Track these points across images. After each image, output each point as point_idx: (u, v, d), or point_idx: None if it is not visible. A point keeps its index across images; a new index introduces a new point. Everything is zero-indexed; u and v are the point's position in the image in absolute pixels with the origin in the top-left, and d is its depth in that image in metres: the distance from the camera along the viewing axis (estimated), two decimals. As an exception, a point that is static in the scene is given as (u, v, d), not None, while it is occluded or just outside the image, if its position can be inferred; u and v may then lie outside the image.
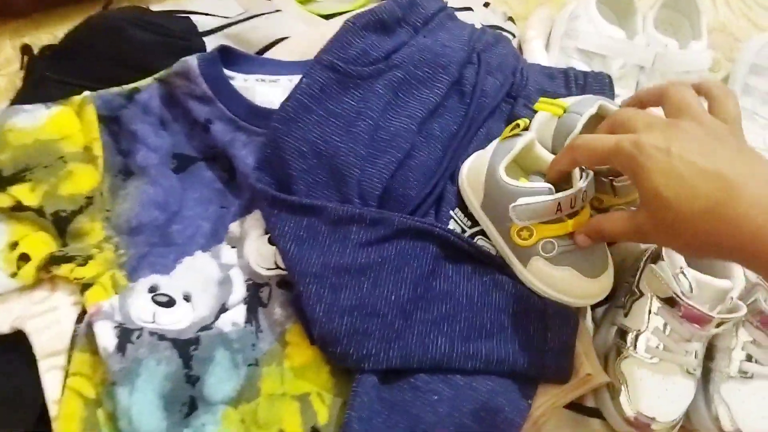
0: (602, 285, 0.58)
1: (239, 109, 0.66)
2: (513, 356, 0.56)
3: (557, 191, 0.54)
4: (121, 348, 0.55)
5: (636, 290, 0.61)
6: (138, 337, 0.56)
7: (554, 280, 0.57)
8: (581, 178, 0.55)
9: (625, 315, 0.61)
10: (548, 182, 0.55)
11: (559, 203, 0.54)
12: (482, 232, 0.62)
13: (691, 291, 0.57)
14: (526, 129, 0.59)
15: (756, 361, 0.58)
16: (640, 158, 0.45)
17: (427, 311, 0.57)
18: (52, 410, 0.56)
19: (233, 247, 0.63)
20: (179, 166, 0.66)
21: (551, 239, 0.56)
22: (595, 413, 0.61)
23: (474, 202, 0.61)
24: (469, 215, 0.63)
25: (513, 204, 0.55)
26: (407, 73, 0.66)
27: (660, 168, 0.45)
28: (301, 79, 0.64)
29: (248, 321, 0.59)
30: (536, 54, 0.76)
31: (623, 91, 0.72)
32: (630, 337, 0.59)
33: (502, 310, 0.58)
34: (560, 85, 0.69)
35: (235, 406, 0.56)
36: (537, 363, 0.57)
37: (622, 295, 0.62)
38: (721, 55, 0.83)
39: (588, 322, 0.63)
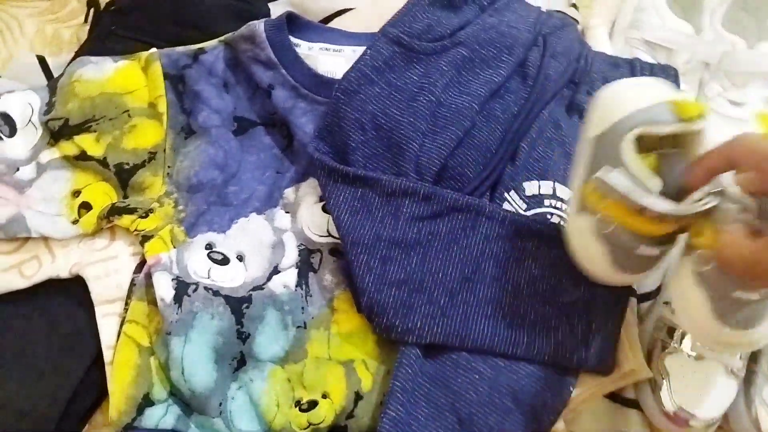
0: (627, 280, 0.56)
1: (302, 76, 0.67)
2: (555, 347, 0.57)
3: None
4: (177, 299, 0.57)
5: (685, 287, 0.60)
6: (194, 291, 0.58)
7: (586, 248, 0.54)
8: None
9: (673, 312, 0.61)
10: (683, 183, 0.48)
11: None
12: (537, 218, 0.62)
13: (743, 291, 0.56)
14: (701, 116, 0.49)
15: (802, 367, 0.58)
16: None
17: (473, 293, 0.58)
18: (107, 355, 0.58)
19: (287, 212, 0.64)
20: (239, 129, 0.67)
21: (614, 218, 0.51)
22: (633, 404, 0.61)
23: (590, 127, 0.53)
24: (527, 198, 0.63)
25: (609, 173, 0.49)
26: (472, 52, 0.66)
27: None
28: (365, 51, 0.64)
29: (299, 285, 0.60)
30: (600, 42, 0.75)
31: (686, 87, 0.71)
32: (677, 334, 0.59)
33: (548, 301, 0.58)
34: (625, 75, 0.68)
35: (282, 365, 0.58)
36: (579, 355, 0.57)
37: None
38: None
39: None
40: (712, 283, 0.49)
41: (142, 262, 0.61)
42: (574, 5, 0.82)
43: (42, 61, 0.74)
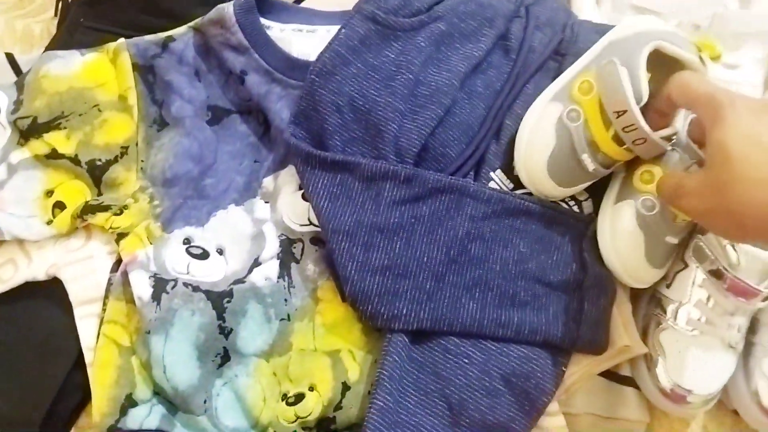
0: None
1: (275, 60, 0.64)
2: (546, 327, 0.55)
3: None
4: (156, 297, 0.56)
5: (681, 261, 0.59)
6: (173, 288, 0.56)
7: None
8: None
9: (668, 286, 0.59)
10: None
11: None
12: (524, 196, 0.60)
13: (739, 264, 0.54)
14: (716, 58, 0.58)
15: (802, 337, 0.56)
16: (727, 110, 0.44)
17: (460, 275, 0.56)
18: (88, 357, 0.57)
19: (266, 202, 0.62)
20: (214, 118, 0.65)
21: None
22: (630, 382, 0.60)
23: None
24: (513, 177, 0.61)
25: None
26: (450, 26, 0.63)
27: (742, 126, 0.44)
28: (339, 30, 0.62)
29: (281, 276, 0.59)
30: (586, 9, 0.72)
31: (676, 51, 0.69)
32: (671, 309, 0.58)
33: (537, 279, 0.56)
34: (612, 42, 0.66)
35: (267, 359, 0.56)
36: (571, 334, 0.55)
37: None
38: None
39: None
40: (650, 228, 0.56)
41: (119, 261, 0.60)
42: (558, -28, 0.79)
43: (11, 58, 0.71)
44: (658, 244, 0.56)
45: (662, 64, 0.55)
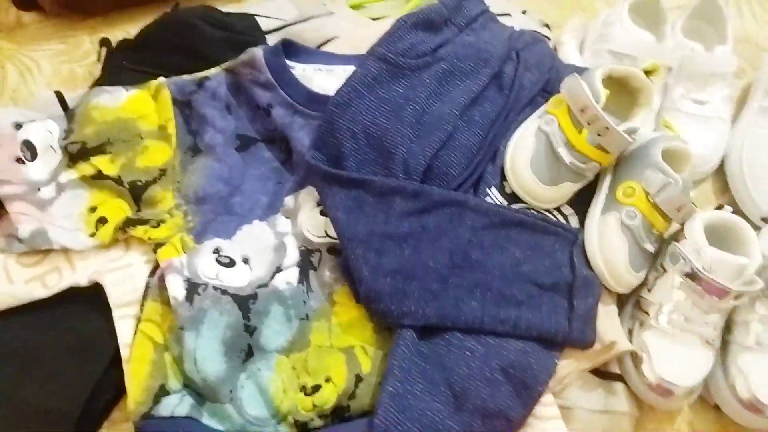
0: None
1: (298, 95, 0.72)
2: (540, 323, 0.61)
3: None
4: (189, 298, 0.62)
5: (660, 267, 0.65)
6: (204, 290, 0.63)
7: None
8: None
9: (649, 290, 0.65)
10: None
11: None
12: (519, 209, 0.67)
13: (711, 267, 0.61)
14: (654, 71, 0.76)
15: (772, 334, 0.62)
16: None
17: (462, 278, 0.62)
18: (124, 352, 0.63)
19: (288, 218, 0.69)
20: (242, 146, 0.73)
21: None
22: (619, 378, 0.65)
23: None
24: (506, 195, 0.68)
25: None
26: (451, 66, 0.72)
27: None
28: (355, 69, 0.70)
29: (300, 282, 0.65)
30: (570, 55, 0.82)
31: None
32: (653, 310, 0.64)
33: (531, 281, 0.63)
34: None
35: (287, 355, 0.62)
36: (563, 330, 0.61)
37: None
38: (746, 63, 0.88)
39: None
40: (632, 234, 0.64)
41: (155, 267, 0.66)
42: (546, 25, 0.89)
43: (59, 96, 0.80)
44: (639, 250, 0.63)
45: (618, 85, 0.68)
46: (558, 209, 0.69)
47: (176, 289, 0.62)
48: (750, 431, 0.65)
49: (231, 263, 0.66)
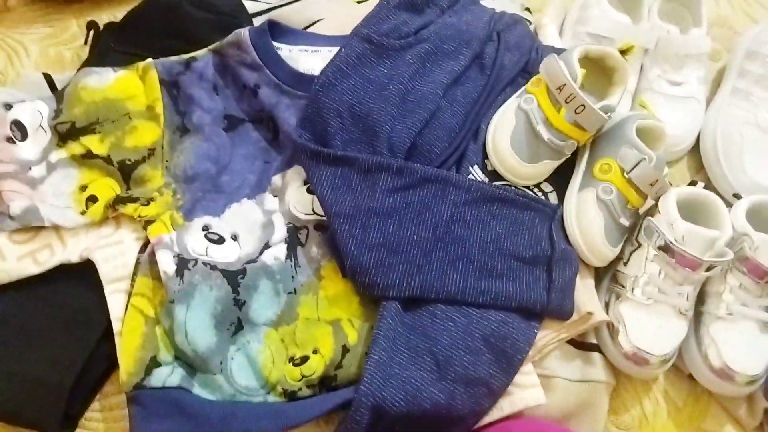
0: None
1: (284, 75, 0.74)
2: (520, 294, 0.63)
3: None
4: (179, 273, 0.63)
5: (635, 241, 0.67)
6: (193, 266, 0.64)
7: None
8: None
9: (624, 264, 0.68)
10: None
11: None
12: (500, 185, 0.69)
13: (683, 239, 0.63)
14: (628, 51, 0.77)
15: (743, 304, 0.65)
16: None
17: (445, 251, 0.64)
18: (116, 326, 0.64)
19: (275, 196, 0.71)
20: (229, 126, 0.74)
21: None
22: (595, 348, 0.68)
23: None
24: (488, 173, 0.70)
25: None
26: (434, 46, 0.74)
27: None
28: (340, 49, 0.72)
29: (288, 257, 0.67)
30: (550, 38, 0.83)
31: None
32: (629, 282, 0.66)
33: (512, 255, 0.65)
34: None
35: (275, 328, 0.64)
36: (542, 301, 0.63)
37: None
38: (721, 47, 0.90)
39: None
40: (608, 209, 0.66)
41: (146, 244, 0.68)
42: (527, 9, 0.91)
43: (48, 78, 0.81)
44: (614, 225, 0.66)
45: (594, 65, 0.71)
46: (538, 186, 0.71)
47: (166, 264, 0.64)
48: (721, 398, 0.68)
49: (220, 240, 0.68)
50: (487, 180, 0.70)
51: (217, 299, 0.63)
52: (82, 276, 0.68)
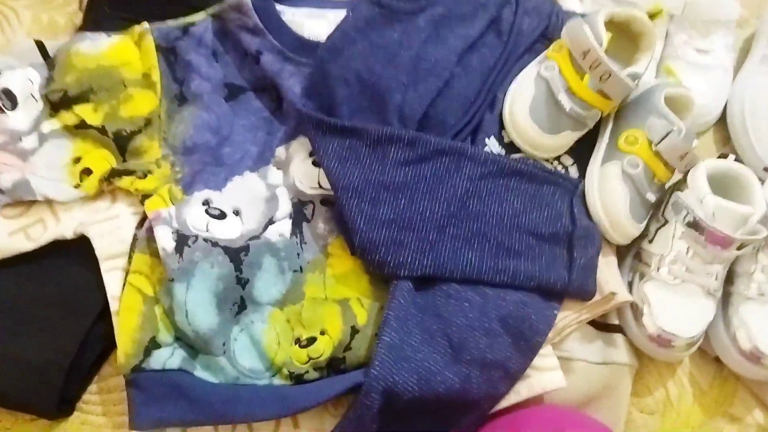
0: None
1: (288, 41, 0.70)
2: (539, 273, 0.60)
3: None
4: (178, 250, 0.60)
5: (662, 218, 0.64)
6: (194, 242, 0.61)
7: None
8: None
9: (650, 241, 0.64)
10: None
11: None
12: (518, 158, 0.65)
13: (714, 215, 0.60)
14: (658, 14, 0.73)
15: (775, 284, 0.61)
16: None
17: (460, 228, 0.61)
18: (113, 305, 0.61)
19: (279, 169, 0.67)
20: (230, 95, 0.70)
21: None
22: (617, 329, 0.64)
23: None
24: (505, 145, 0.66)
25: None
26: (448, 10, 0.69)
27: None
28: (347, 13, 0.68)
29: (293, 233, 0.63)
30: (570, 2, 0.79)
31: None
32: (654, 261, 0.63)
33: (530, 232, 0.61)
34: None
35: (281, 308, 0.60)
36: (563, 280, 0.60)
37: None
38: (750, 13, 0.85)
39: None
40: (634, 184, 0.62)
41: (143, 219, 0.64)
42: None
43: (40, 45, 0.77)
44: (640, 200, 0.62)
45: (619, 30, 0.66)
46: (557, 159, 0.67)
47: (165, 240, 0.60)
48: (750, 382, 0.65)
49: (222, 215, 0.64)
50: (503, 152, 0.66)
51: (219, 277, 0.60)
52: (77, 253, 0.64)
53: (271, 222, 0.64)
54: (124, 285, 0.61)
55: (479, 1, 0.70)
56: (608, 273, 0.62)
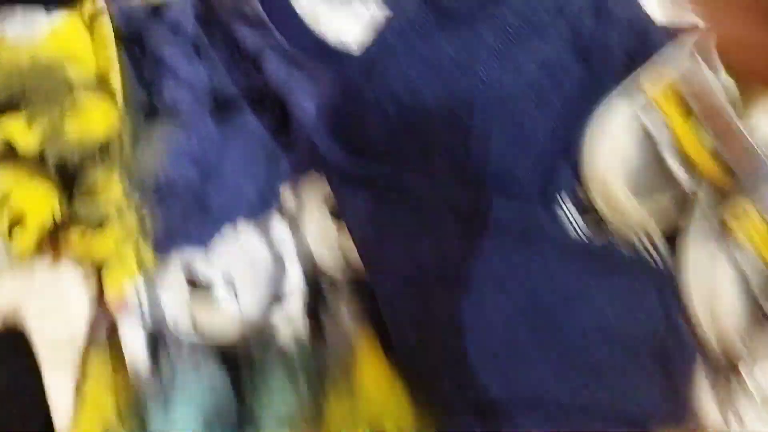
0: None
1: (299, 39, 0.53)
2: (626, 397, 0.48)
3: None
4: (153, 355, 0.44)
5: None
6: (174, 342, 0.45)
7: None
8: None
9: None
10: None
11: None
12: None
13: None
14: None
15: None
16: None
17: (530, 332, 0.47)
18: (60, 421, 0.45)
19: (285, 219, 0.51)
20: (218, 108, 0.53)
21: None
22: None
23: None
24: (581, 206, 0.52)
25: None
26: (518, 16, 0.53)
27: None
28: (386, 13, 0.50)
29: (307, 326, 0.48)
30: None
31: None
32: (746, 371, 0.51)
33: (618, 341, 0.48)
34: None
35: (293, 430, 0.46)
36: (653, 406, 0.48)
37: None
38: None
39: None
40: (749, 289, 0.48)
41: (100, 291, 0.48)
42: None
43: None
44: (755, 309, 0.49)
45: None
46: (644, 231, 0.53)
47: (134, 344, 0.44)
48: None
49: (208, 287, 0.49)
50: (579, 218, 0.52)
51: (210, 390, 0.45)
52: (10, 339, 0.47)
53: (276, 299, 0.49)
54: (75, 397, 0.45)
55: (557, 5, 0.54)
56: (701, 396, 0.50)
